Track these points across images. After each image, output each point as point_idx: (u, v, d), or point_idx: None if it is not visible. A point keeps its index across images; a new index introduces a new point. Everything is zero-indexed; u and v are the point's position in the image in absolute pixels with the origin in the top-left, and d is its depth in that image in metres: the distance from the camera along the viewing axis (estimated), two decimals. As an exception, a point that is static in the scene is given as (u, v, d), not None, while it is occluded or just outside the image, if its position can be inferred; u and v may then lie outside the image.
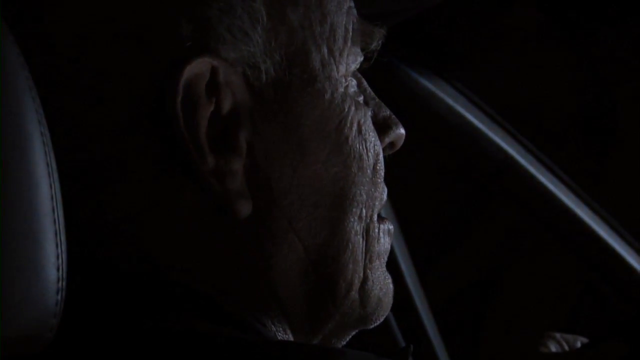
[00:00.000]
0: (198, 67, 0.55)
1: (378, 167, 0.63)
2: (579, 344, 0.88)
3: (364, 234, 0.62)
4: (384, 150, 0.66)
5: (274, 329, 0.60)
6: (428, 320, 1.46)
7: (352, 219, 0.61)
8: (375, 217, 0.64)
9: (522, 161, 1.44)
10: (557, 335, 0.89)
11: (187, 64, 0.55)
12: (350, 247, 0.61)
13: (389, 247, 0.67)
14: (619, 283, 1.39)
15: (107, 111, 0.56)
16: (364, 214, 0.62)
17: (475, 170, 1.46)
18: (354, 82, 0.64)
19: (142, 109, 0.56)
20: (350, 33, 0.62)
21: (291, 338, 0.62)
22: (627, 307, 1.36)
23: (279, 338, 0.60)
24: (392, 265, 1.40)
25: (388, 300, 0.66)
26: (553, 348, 0.87)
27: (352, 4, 0.64)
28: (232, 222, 0.57)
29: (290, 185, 0.59)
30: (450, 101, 1.45)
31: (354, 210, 0.61)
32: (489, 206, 1.50)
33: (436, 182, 1.55)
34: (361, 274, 0.63)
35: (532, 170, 1.44)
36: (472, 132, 1.45)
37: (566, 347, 0.88)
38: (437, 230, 1.56)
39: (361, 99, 0.65)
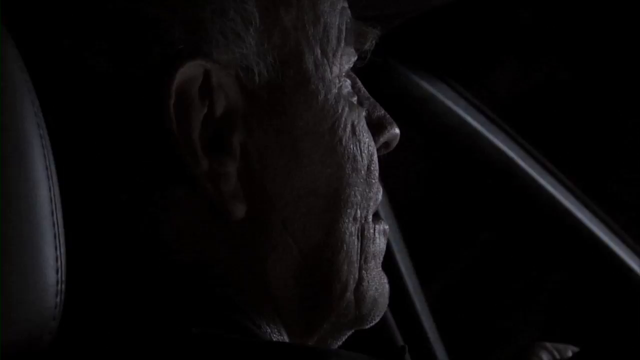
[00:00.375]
0: (190, 70, 0.55)
1: (372, 168, 0.63)
2: (570, 353, 0.88)
3: (359, 234, 0.62)
4: (378, 150, 0.66)
5: (268, 330, 0.60)
6: (427, 320, 1.46)
7: (346, 220, 0.61)
8: (370, 218, 0.64)
9: (522, 163, 1.44)
10: (549, 344, 0.89)
11: (179, 67, 0.55)
12: (345, 248, 0.61)
13: (385, 247, 0.67)
14: (619, 286, 1.39)
15: (101, 114, 0.56)
16: (358, 214, 0.62)
17: (475, 172, 1.46)
18: (348, 83, 0.64)
19: (135, 113, 0.56)
20: (344, 33, 0.62)
21: (286, 339, 0.62)
22: (627, 311, 1.36)
23: (273, 339, 0.60)
24: (390, 264, 1.40)
25: (384, 300, 0.66)
26: (545, 357, 0.87)
27: (346, 4, 0.64)
28: (226, 224, 0.57)
29: (284, 186, 0.59)
30: (449, 103, 1.45)
31: (348, 211, 0.61)
32: (488, 208, 1.50)
33: (436, 183, 1.55)
34: (356, 275, 0.62)
35: (533, 172, 1.44)
36: (472, 134, 1.45)
37: (557, 356, 0.88)
38: (436, 230, 1.56)
39: (355, 99, 0.65)
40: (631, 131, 1.50)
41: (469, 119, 1.45)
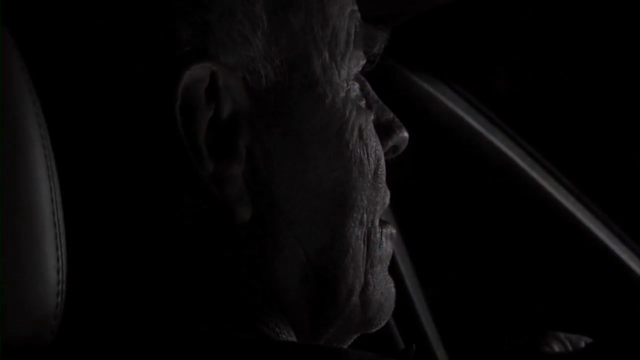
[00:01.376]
0: (197, 73, 0.55)
1: (379, 172, 0.63)
2: (582, 344, 0.88)
3: (365, 239, 0.62)
4: (387, 153, 0.66)
5: (277, 330, 0.60)
6: (428, 324, 1.46)
7: (352, 224, 0.61)
8: (377, 222, 0.63)
9: (523, 164, 1.44)
10: (561, 335, 0.88)
11: (186, 69, 0.54)
12: (351, 252, 0.61)
13: (391, 251, 0.67)
14: (619, 287, 1.39)
15: (107, 116, 0.56)
16: (365, 219, 0.62)
17: (475, 174, 1.46)
18: (357, 86, 0.64)
19: (140, 114, 0.56)
20: (353, 37, 0.62)
21: (295, 340, 0.62)
22: (627, 310, 1.36)
23: (282, 339, 0.60)
24: (392, 268, 1.40)
25: (389, 304, 0.66)
26: (556, 348, 0.87)
27: (356, 8, 0.64)
28: (232, 227, 0.57)
29: (290, 190, 0.58)
30: (450, 104, 1.45)
31: (354, 215, 0.61)
32: (489, 209, 1.50)
33: (436, 185, 1.55)
34: (362, 279, 0.62)
35: (533, 173, 1.44)
36: (472, 135, 1.45)
37: (570, 347, 0.87)
38: (438, 233, 1.56)
39: (363, 102, 0.64)
40: (632, 131, 1.50)
41: (469, 119, 1.45)
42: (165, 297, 0.57)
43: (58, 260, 0.49)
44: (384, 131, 0.66)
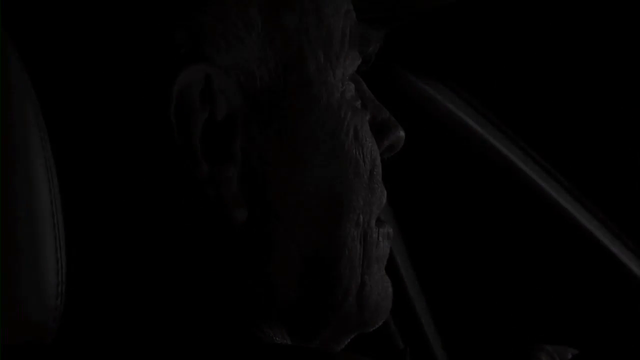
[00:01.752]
0: (192, 75, 0.55)
1: (375, 172, 0.63)
2: (569, 356, 0.88)
3: (362, 239, 0.62)
4: (383, 153, 0.66)
5: (271, 333, 0.60)
6: (427, 323, 1.46)
7: (348, 225, 0.61)
8: (373, 223, 0.63)
9: (523, 166, 1.44)
10: (549, 346, 0.89)
11: (180, 71, 0.55)
12: (347, 253, 0.61)
13: (388, 250, 0.67)
14: (620, 290, 1.38)
15: (104, 118, 0.56)
16: (361, 219, 0.62)
17: (475, 175, 1.46)
18: (352, 86, 0.64)
19: (136, 117, 0.56)
20: (348, 37, 0.62)
21: (289, 342, 0.62)
22: (627, 313, 1.36)
23: (276, 342, 0.60)
24: (391, 267, 1.40)
25: (387, 304, 0.66)
26: (544, 359, 0.87)
27: (351, 7, 0.64)
28: (228, 229, 0.57)
29: (286, 191, 0.58)
30: (450, 105, 1.45)
31: (350, 216, 0.61)
32: (489, 210, 1.50)
33: (436, 185, 1.55)
34: (358, 280, 0.62)
35: (533, 175, 1.44)
36: (472, 136, 1.45)
37: (557, 359, 0.88)
38: (437, 233, 1.56)
39: (359, 103, 0.64)
40: (632, 134, 1.50)
41: (469, 120, 1.45)
42: (162, 298, 0.57)
43: (57, 262, 0.49)
44: (380, 131, 0.66)
